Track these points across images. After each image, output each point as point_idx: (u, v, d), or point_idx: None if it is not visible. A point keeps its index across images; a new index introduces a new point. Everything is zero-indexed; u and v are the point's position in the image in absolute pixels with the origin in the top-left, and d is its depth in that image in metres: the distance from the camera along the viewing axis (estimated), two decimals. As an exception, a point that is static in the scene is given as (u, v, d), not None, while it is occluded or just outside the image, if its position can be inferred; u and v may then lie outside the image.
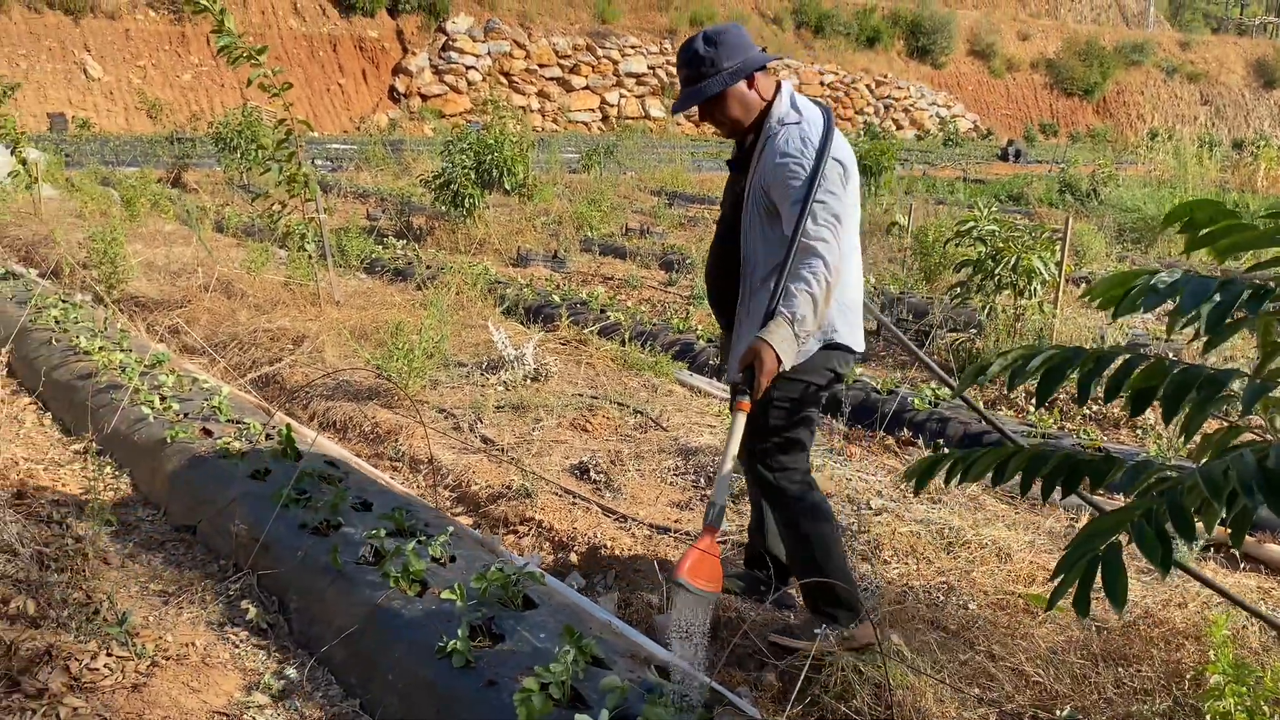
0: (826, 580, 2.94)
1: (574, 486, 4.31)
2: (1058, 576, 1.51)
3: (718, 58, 2.87)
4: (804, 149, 2.81)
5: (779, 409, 2.99)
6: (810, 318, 2.78)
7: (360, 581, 3.00)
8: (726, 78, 2.88)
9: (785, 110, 2.92)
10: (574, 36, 39.13)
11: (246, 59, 6.42)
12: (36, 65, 29.99)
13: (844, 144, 2.92)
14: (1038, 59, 51.58)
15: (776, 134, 2.89)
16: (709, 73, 2.89)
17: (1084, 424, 5.45)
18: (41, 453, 4.62)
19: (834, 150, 2.83)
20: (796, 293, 2.76)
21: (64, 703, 2.54)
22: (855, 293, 3.03)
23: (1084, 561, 1.49)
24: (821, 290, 2.77)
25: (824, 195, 2.80)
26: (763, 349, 2.75)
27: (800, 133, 2.85)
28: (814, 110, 2.95)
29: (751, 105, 2.95)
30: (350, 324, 6.55)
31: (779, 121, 2.90)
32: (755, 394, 2.78)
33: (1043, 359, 1.79)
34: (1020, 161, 32.38)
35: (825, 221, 2.80)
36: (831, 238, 2.80)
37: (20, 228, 10.84)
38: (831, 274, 2.78)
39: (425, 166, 16.26)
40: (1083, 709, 2.63)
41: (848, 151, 2.92)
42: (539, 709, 2.27)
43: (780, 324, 2.76)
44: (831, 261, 2.78)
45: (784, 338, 2.75)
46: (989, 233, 6.46)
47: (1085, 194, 15.91)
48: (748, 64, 2.89)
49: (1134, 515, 1.50)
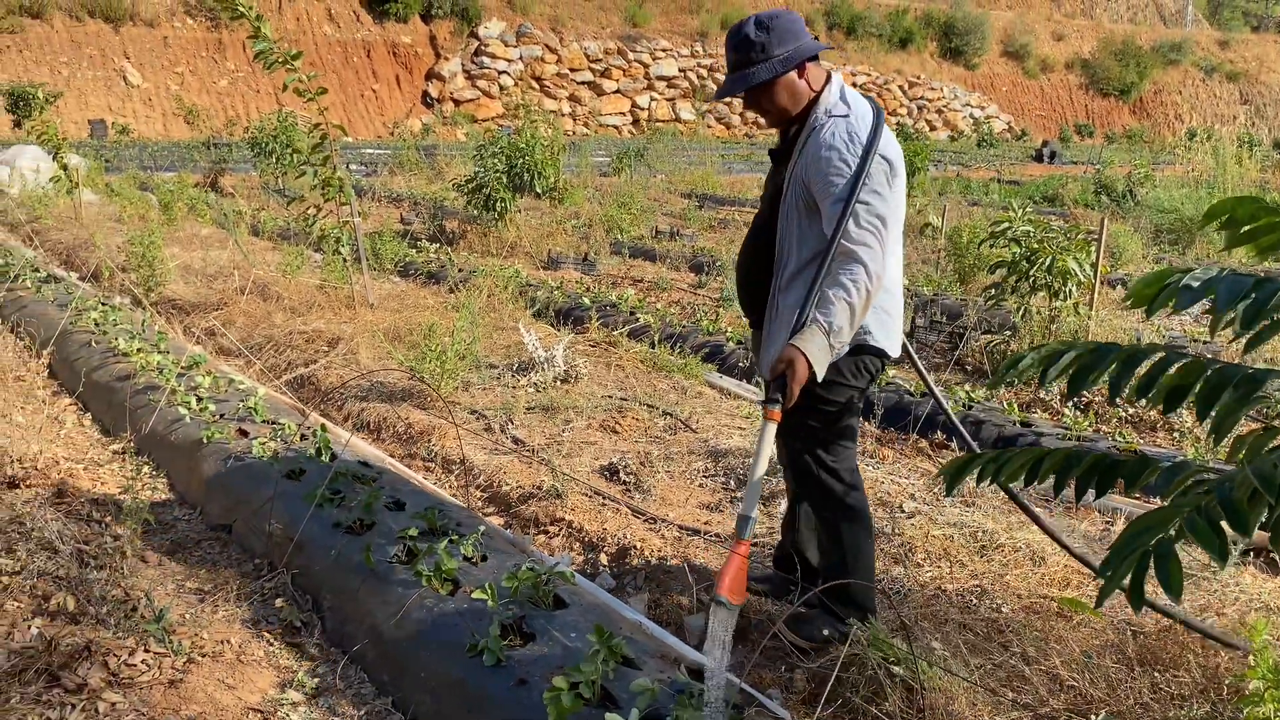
0: (847, 581, 2.91)
1: (604, 487, 4.31)
2: (1106, 572, 1.50)
3: (769, 44, 2.75)
4: (850, 144, 2.70)
5: (819, 410, 2.93)
6: (847, 328, 2.69)
7: (393, 580, 3.02)
8: (776, 65, 2.76)
9: (834, 102, 2.81)
10: (605, 40, 39.25)
11: (282, 64, 6.50)
12: (78, 73, 30.53)
13: (892, 141, 2.82)
14: (1073, 59, 51.06)
15: (823, 126, 2.77)
16: (758, 59, 2.77)
17: (1120, 426, 5.39)
18: (81, 452, 4.69)
19: (882, 147, 2.72)
20: (835, 300, 2.67)
21: (103, 697, 2.58)
22: (893, 296, 2.94)
23: (1136, 555, 1.48)
24: (860, 299, 2.68)
25: (868, 195, 2.69)
26: (796, 357, 2.67)
27: (847, 127, 2.73)
28: (863, 105, 2.83)
29: (800, 95, 2.83)
30: (384, 326, 6.61)
31: (826, 113, 2.79)
32: (787, 402, 2.70)
33: (1074, 355, 1.78)
34: (1055, 162, 32.06)
35: (868, 224, 2.69)
36: (874, 242, 2.69)
37: (62, 232, 11.04)
38: (873, 282, 2.68)
39: (458, 171, 16.37)
40: (1118, 714, 2.60)
41: (896, 150, 2.82)
42: (569, 708, 2.28)
43: (816, 333, 2.68)
44: (873, 269, 2.68)
45: (819, 347, 2.67)
46: (1024, 234, 6.40)
47: (1121, 195, 15.72)
48: (799, 52, 2.77)
49: (1184, 511, 1.49)
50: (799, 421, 2.94)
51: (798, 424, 2.95)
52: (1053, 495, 4.29)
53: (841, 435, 2.99)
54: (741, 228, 12.89)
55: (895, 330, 2.95)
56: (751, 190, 18.83)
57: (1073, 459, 1.76)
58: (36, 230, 11.26)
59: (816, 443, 2.97)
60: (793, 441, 3.02)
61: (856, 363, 2.90)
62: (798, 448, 3.01)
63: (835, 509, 2.99)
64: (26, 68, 29.70)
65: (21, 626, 2.80)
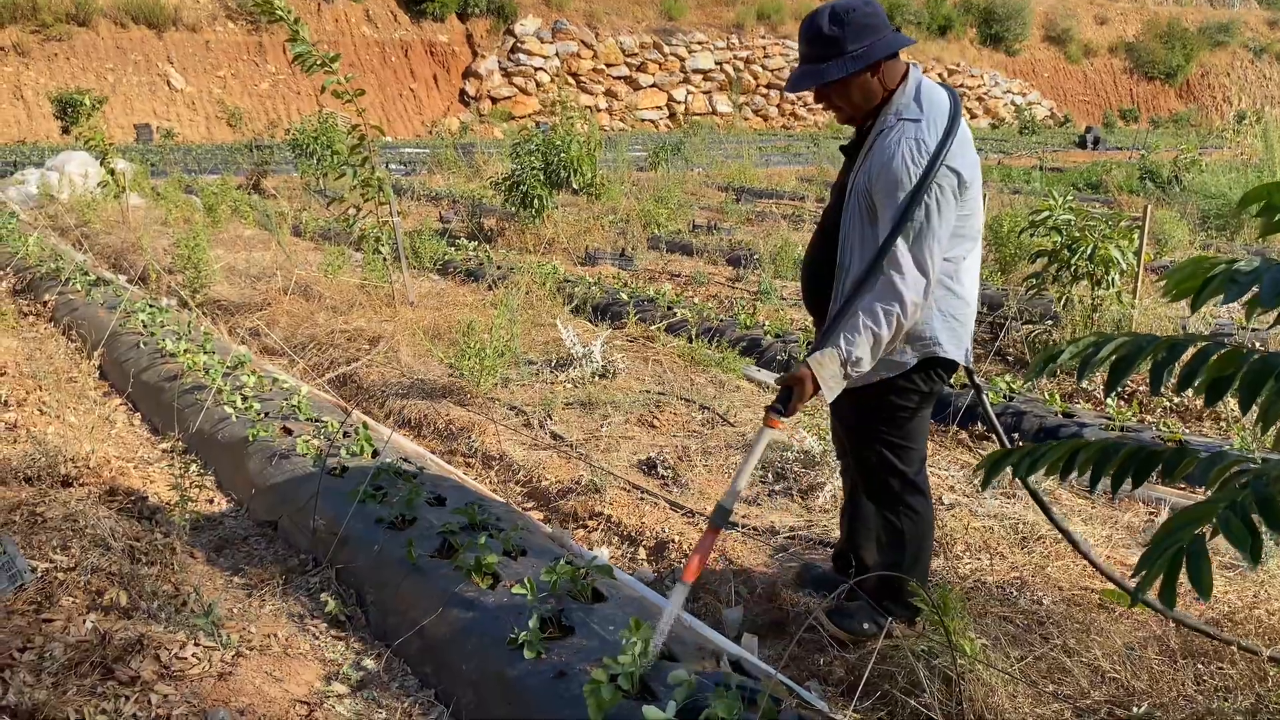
0: (901, 577, 2.90)
1: (642, 482, 4.34)
2: (1141, 571, 1.49)
3: (842, 39, 2.60)
4: (915, 153, 2.57)
5: (889, 416, 2.89)
6: (867, 360, 2.64)
7: (434, 574, 3.07)
8: (848, 63, 2.61)
9: (906, 103, 2.66)
10: (640, 34, 39.21)
11: (321, 66, 6.59)
12: (123, 78, 31.09)
13: (965, 148, 2.65)
14: (1116, 43, 50.19)
15: (890, 129, 2.64)
16: (830, 55, 2.63)
17: (1164, 416, 5.31)
18: (131, 451, 4.80)
19: (951, 158, 2.57)
20: (862, 330, 2.60)
21: (155, 689, 2.65)
22: (966, 303, 2.82)
23: (1169, 554, 1.47)
24: (889, 332, 2.61)
25: (926, 214, 2.57)
26: (806, 378, 2.64)
27: (916, 133, 2.59)
28: (940, 106, 2.67)
29: (872, 93, 2.70)
30: (424, 324, 6.68)
31: (896, 115, 2.66)
32: (787, 415, 2.68)
33: (1114, 346, 1.75)
34: (1099, 148, 31.55)
35: (919, 244, 2.58)
36: (917, 270, 2.59)
37: (110, 235, 11.26)
38: (907, 314, 2.60)
39: (495, 169, 16.46)
40: (1160, 706, 2.57)
41: (969, 159, 2.65)
42: (608, 700, 2.30)
43: (833, 358, 2.63)
44: (911, 299, 2.58)
45: (832, 374, 2.63)
46: (1065, 222, 6.32)
47: (1167, 180, 15.44)
48: (873, 51, 2.61)
49: (1219, 507, 1.47)
50: (869, 426, 2.93)
51: (868, 428, 2.93)
52: (1089, 486, 4.24)
53: (910, 440, 2.93)
54: (779, 220, 12.83)
55: (965, 338, 2.85)
56: (789, 183, 18.75)
57: (1109, 450, 1.74)
58: (86, 234, 11.50)
59: (886, 446, 2.92)
60: (862, 448, 2.99)
61: (928, 373, 2.83)
62: (866, 452, 2.98)
63: (903, 512, 2.96)
64: (74, 74, 30.31)
65: (77, 621, 2.88)
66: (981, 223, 2.80)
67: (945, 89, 2.76)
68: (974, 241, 2.79)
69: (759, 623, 3.26)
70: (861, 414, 2.93)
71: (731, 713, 2.18)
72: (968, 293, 2.81)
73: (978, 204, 2.74)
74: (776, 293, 8.39)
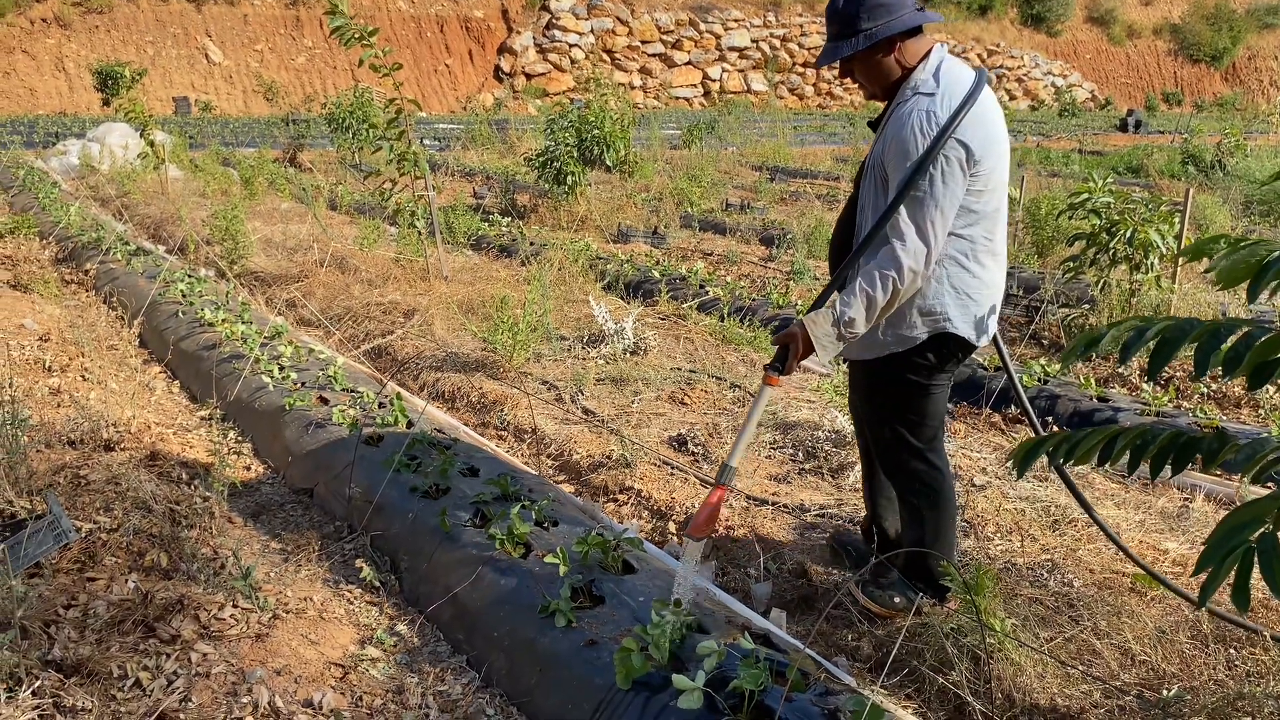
0: (927, 552, 2.93)
1: (672, 457, 4.36)
2: (1204, 569, 1.48)
3: (858, 17, 2.65)
4: (924, 124, 2.59)
5: (889, 397, 2.93)
6: (861, 321, 2.67)
7: (467, 543, 3.11)
8: (861, 40, 2.66)
9: (924, 79, 2.68)
10: (676, 11, 38.96)
11: (358, 40, 6.62)
12: (162, 51, 31.36)
13: (981, 125, 2.63)
14: (1161, 24, 49.23)
15: (905, 103, 2.67)
16: (846, 33, 2.68)
17: (1201, 402, 5.25)
18: (171, 418, 4.89)
19: (961, 131, 2.57)
20: (857, 292, 2.65)
21: (195, 648, 2.71)
22: (982, 281, 2.79)
23: (1239, 553, 1.46)
24: (884, 295, 2.64)
25: (929, 184, 2.59)
26: (799, 335, 2.71)
27: (928, 106, 2.61)
28: (959, 83, 2.66)
29: (886, 71, 2.73)
30: (458, 298, 6.73)
31: (913, 90, 2.68)
32: (785, 372, 2.75)
33: (1157, 330, 1.73)
34: (1140, 132, 31.06)
35: (921, 212, 2.60)
36: (918, 238, 2.61)
37: (149, 206, 11.41)
38: (904, 280, 2.63)
39: (529, 145, 16.47)
40: (1191, 689, 2.57)
41: (983, 133, 2.63)
42: (638, 668, 2.33)
43: (826, 318, 2.68)
44: (908, 265, 2.61)
45: (825, 333, 2.68)
46: (1104, 205, 6.24)
47: (1210, 165, 15.19)
48: (889, 27, 2.64)
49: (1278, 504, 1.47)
50: (883, 400, 2.95)
51: (882, 403, 2.96)
52: (1127, 473, 4.21)
53: (923, 416, 2.93)
54: (813, 200, 12.77)
55: (983, 318, 2.81)
56: (824, 162, 18.62)
57: (1147, 437, 1.73)
58: (126, 205, 11.66)
59: (899, 421, 2.94)
60: (877, 423, 3.01)
61: (940, 350, 2.82)
62: (880, 427, 2.99)
63: (918, 489, 2.98)
64: (114, 47, 30.62)
65: (119, 580, 2.95)
66: (1003, 204, 2.78)
67: (973, 69, 2.76)
68: (993, 221, 2.77)
69: (787, 598, 3.28)
70: (875, 388, 2.96)
71: (758, 684, 2.20)
72: (988, 275, 2.80)
73: (996, 182, 2.72)
74: (809, 272, 8.36)
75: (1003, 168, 2.74)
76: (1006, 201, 2.81)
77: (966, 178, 2.63)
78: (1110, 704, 2.54)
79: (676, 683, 2.20)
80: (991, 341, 2.99)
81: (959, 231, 2.70)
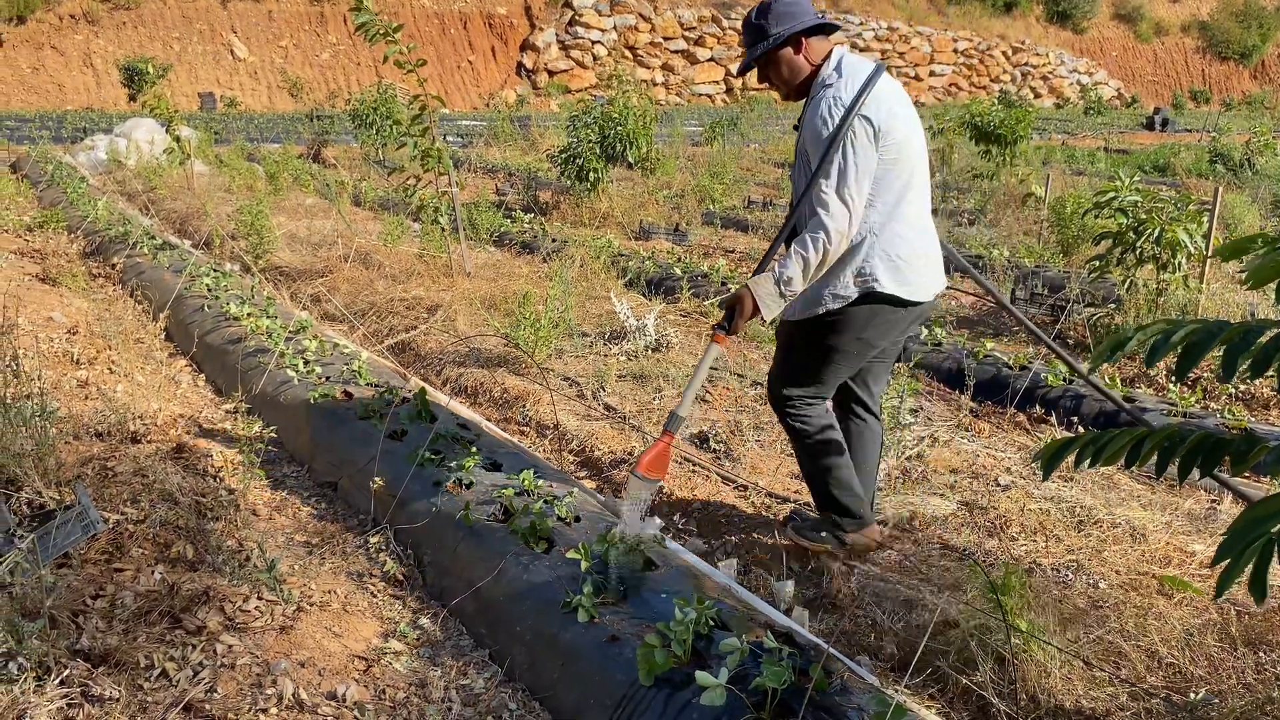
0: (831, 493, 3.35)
1: (694, 455, 4.36)
2: (1221, 562, 1.47)
3: (765, 26, 3.08)
4: (832, 107, 2.98)
5: (800, 352, 3.27)
6: (799, 279, 3.01)
7: (490, 538, 3.12)
8: (771, 41, 3.08)
9: (829, 73, 3.08)
10: (699, 8, 38.89)
11: (383, 36, 6.64)
12: (188, 47, 31.59)
13: (882, 101, 2.99)
14: (1189, 21, 48.71)
15: (815, 96, 3.08)
16: (757, 40, 3.11)
17: (1229, 403, 5.20)
18: (196, 411, 4.93)
19: (864, 108, 2.94)
20: (793, 255, 3.00)
21: (220, 640, 2.73)
22: (910, 243, 3.10)
23: (1257, 546, 1.44)
24: (817, 256, 2.98)
25: (842, 157, 2.95)
26: (745, 296, 3.07)
27: (833, 93, 3.00)
28: (859, 72, 3.04)
29: (797, 69, 3.13)
30: (480, 294, 6.75)
31: (820, 84, 3.08)
32: (731, 332, 3.13)
33: (1185, 332, 1.71)
34: (1167, 130, 30.75)
35: (840, 181, 2.95)
36: (839, 202, 2.95)
37: (175, 201, 11.50)
38: (832, 241, 2.96)
39: (551, 142, 16.50)
40: (1219, 693, 2.54)
41: (885, 109, 2.99)
42: (660, 664, 2.33)
43: (768, 279, 3.04)
44: (834, 227, 2.95)
45: (767, 292, 3.04)
46: (1131, 204, 6.18)
47: (1239, 164, 15.02)
48: (793, 28, 3.06)
49: None
50: (798, 358, 3.29)
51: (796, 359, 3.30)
52: (1155, 474, 4.17)
53: (826, 375, 3.26)
54: (836, 198, 12.70)
55: (913, 279, 3.11)
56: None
57: (1176, 439, 1.72)
58: (152, 200, 11.76)
59: (805, 374, 3.26)
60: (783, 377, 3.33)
61: (870, 309, 3.12)
62: (784, 381, 3.31)
63: (805, 444, 3.32)
64: (141, 43, 30.87)
65: (146, 571, 2.98)
66: (916, 171, 3.12)
67: (871, 62, 3.15)
68: (910, 189, 3.10)
69: (810, 596, 3.28)
70: (795, 344, 3.31)
71: (781, 682, 2.20)
72: (917, 238, 3.13)
73: (907, 154, 3.07)
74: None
75: (914, 144, 3.10)
76: (924, 176, 3.17)
77: (876, 148, 2.98)
78: (1137, 707, 2.52)
79: (699, 680, 2.20)
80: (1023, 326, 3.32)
81: (879, 200, 3.05)
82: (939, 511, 3.77)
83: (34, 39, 30.08)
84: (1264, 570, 1.42)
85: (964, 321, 7.21)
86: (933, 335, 5.91)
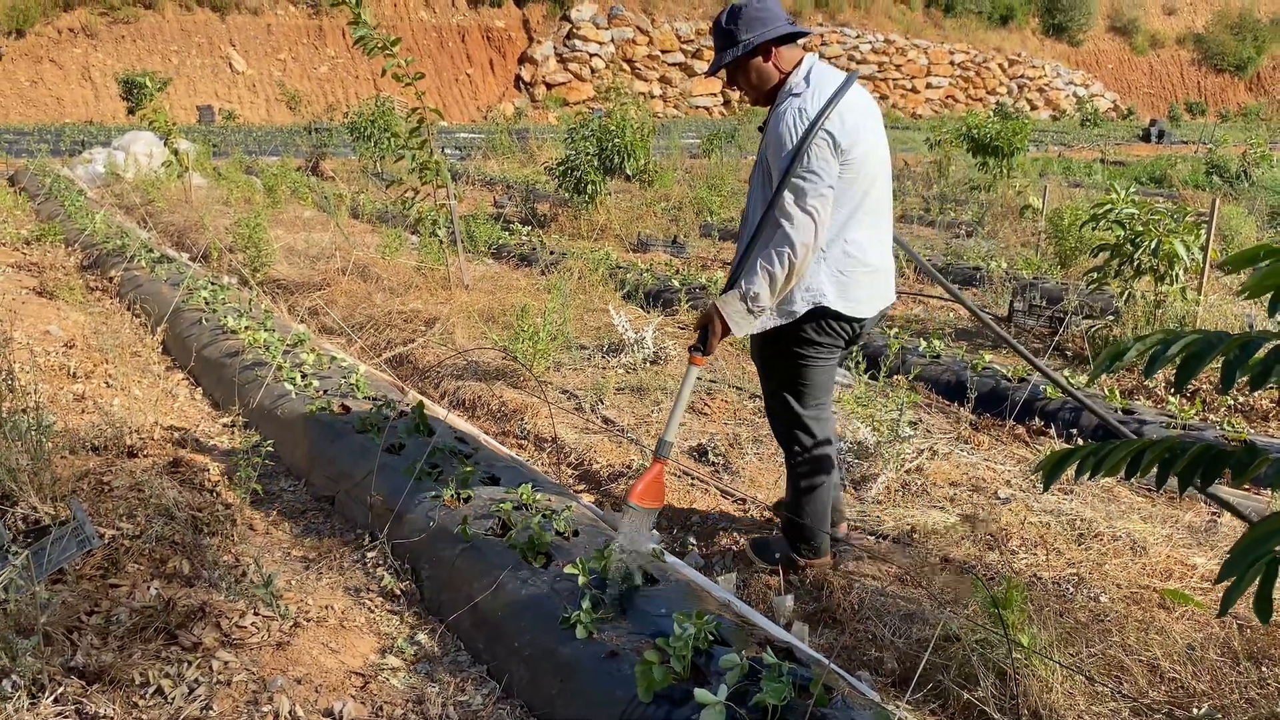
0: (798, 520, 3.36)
1: (693, 468, 4.34)
2: (1226, 580, 1.46)
3: (735, 31, 3.05)
4: (797, 119, 2.94)
5: (778, 367, 3.27)
6: (765, 295, 3.00)
7: (488, 552, 3.10)
8: (741, 48, 3.05)
9: (797, 82, 3.05)
10: (697, 21, 39.03)
11: (381, 50, 6.65)
12: (187, 60, 31.65)
13: (847, 115, 2.96)
14: (1184, 34, 48.92)
15: (781, 104, 3.03)
16: (727, 45, 3.08)
17: (1228, 415, 5.19)
18: (193, 424, 4.91)
19: (828, 122, 2.92)
20: (758, 270, 2.98)
21: (216, 656, 2.71)
22: (859, 261, 3.10)
23: (1261, 565, 1.43)
24: (783, 271, 2.96)
25: (805, 171, 2.92)
26: (714, 315, 3.06)
27: (799, 105, 2.96)
28: (828, 83, 3.02)
29: (766, 76, 3.11)
30: (478, 307, 6.74)
31: (787, 92, 3.05)
32: (706, 352, 3.10)
33: (1184, 343, 1.71)
34: (1163, 142, 30.84)
35: (802, 194, 2.92)
36: (803, 215, 2.92)
37: (173, 214, 11.50)
38: (798, 255, 2.94)
39: (549, 154, 16.51)
40: (1222, 708, 2.53)
41: (851, 123, 2.96)
42: (659, 680, 2.31)
43: (735, 297, 3.02)
44: (800, 241, 2.92)
45: (735, 310, 3.03)
46: (1128, 215, 6.19)
47: (1235, 176, 15.07)
48: (764, 35, 3.03)
49: None
50: (771, 368, 3.30)
51: (770, 371, 3.31)
52: (1155, 486, 4.16)
53: (806, 383, 3.25)
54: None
55: (861, 296, 3.13)
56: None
57: (1176, 450, 1.71)
58: (150, 212, 11.75)
59: (784, 388, 3.28)
60: (766, 392, 3.38)
61: (818, 324, 3.14)
62: (773, 398, 3.34)
63: (793, 450, 3.32)
64: (139, 56, 30.93)
65: (141, 587, 2.96)
66: (875, 185, 3.09)
67: (842, 73, 3.13)
68: (863, 208, 3.08)
69: (809, 611, 3.26)
70: (769, 359, 3.31)
71: (781, 698, 2.18)
72: (867, 255, 3.11)
73: (867, 172, 3.04)
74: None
75: (875, 159, 3.07)
76: (886, 193, 3.17)
77: (838, 163, 2.96)
78: (1139, 722, 2.51)
79: (699, 696, 2.18)
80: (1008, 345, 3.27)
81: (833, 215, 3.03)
82: (939, 524, 3.76)
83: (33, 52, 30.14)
84: (1269, 589, 1.41)
85: (962, 334, 7.20)
86: (932, 348, 5.90)
